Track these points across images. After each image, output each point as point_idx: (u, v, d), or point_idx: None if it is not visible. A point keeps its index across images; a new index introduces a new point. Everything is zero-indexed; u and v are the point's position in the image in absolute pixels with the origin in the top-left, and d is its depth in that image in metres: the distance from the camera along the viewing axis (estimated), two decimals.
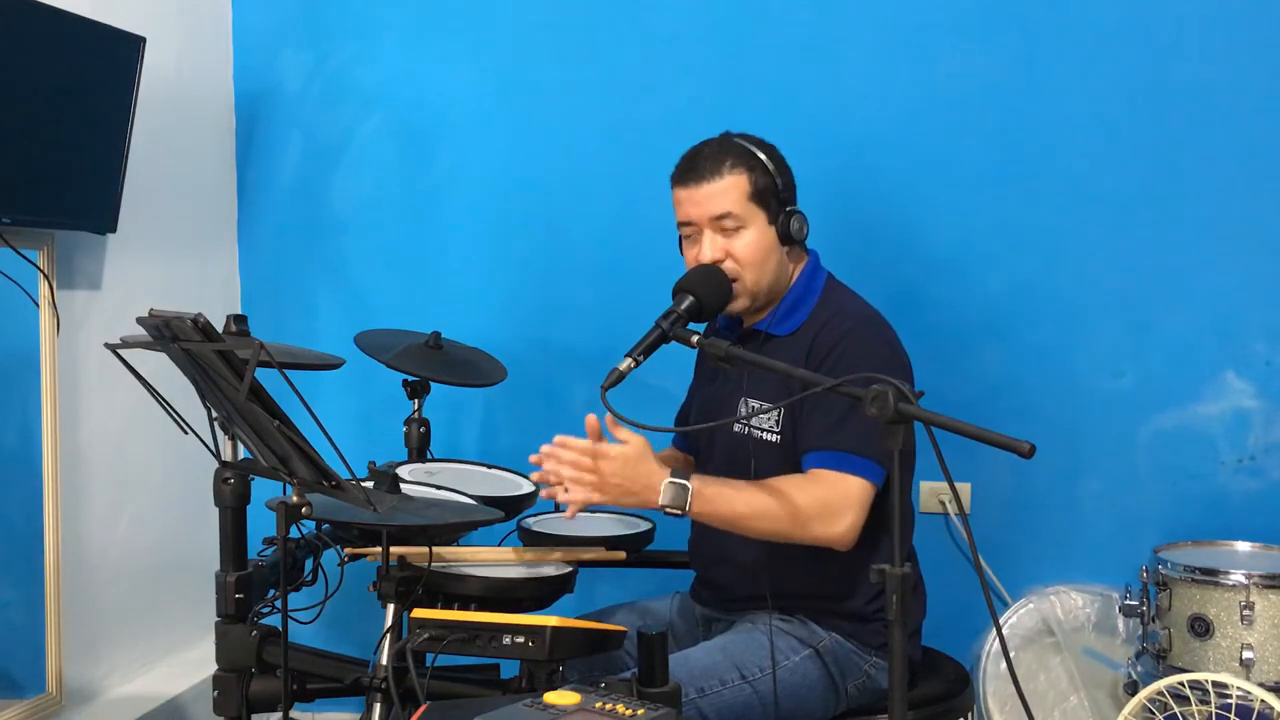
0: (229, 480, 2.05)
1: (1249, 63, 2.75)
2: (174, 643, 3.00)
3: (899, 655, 1.46)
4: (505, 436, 3.16)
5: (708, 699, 1.99)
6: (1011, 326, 2.89)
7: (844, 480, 1.99)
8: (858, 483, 1.99)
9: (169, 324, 1.69)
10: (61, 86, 2.42)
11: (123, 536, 2.81)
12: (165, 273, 2.95)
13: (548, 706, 1.44)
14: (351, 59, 3.19)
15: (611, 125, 3.05)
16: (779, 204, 2.12)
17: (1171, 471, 2.84)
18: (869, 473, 1.99)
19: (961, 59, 2.87)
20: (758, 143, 2.15)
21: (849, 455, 1.99)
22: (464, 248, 3.16)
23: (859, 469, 1.99)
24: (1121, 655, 2.77)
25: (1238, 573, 2.32)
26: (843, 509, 1.97)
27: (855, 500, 1.98)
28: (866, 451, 1.99)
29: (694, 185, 2.10)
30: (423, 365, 2.59)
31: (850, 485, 1.98)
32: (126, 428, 2.78)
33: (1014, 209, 2.87)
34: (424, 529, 2.05)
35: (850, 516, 1.97)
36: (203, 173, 3.15)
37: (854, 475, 1.99)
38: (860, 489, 1.99)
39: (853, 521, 1.98)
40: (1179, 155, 2.79)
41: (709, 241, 2.10)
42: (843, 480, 1.99)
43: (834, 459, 2.00)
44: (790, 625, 2.12)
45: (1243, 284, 2.78)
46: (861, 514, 1.99)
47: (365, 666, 2.05)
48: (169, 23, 2.93)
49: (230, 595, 2.05)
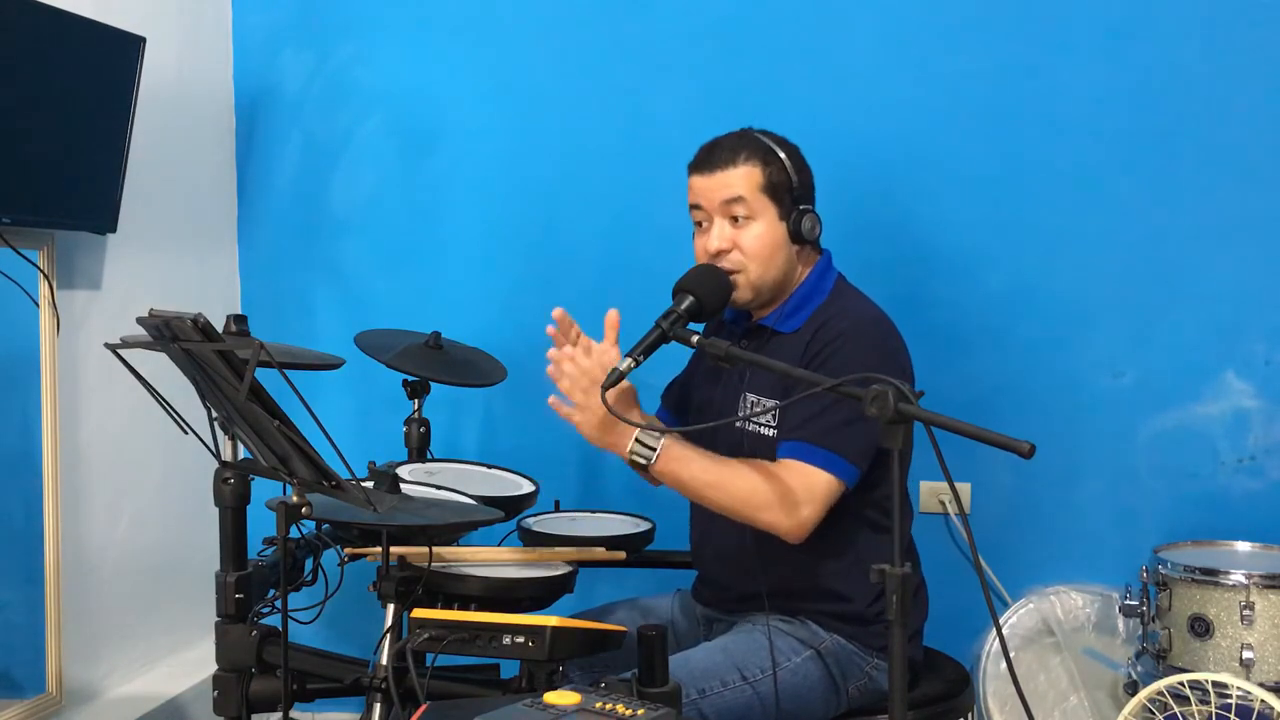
0: (229, 480, 2.05)
1: (1249, 63, 2.75)
2: (174, 643, 3.00)
3: (899, 655, 1.46)
4: (505, 436, 3.16)
5: (708, 700, 1.99)
6: (1011, 326, 2.89)
7: (810, 472, 1.97)
8: (824, 477, 1.97)
9: (169, 324, 1.69)
10: (61, 86, 2.42)
11: (123, 536, 2.81)
12: (165, 273, 2.95)
13: (548, 706, 1.44)
14: (351, 59, 3.19)
15: (611, 125, 3.05)
16: (792, 201, 2.11)
17: (1171, 471, 2.84)
18: (838, 469, 1.97)
19: (962, 59, 2.87)
20: (779, 140, 2.15)
21: (820, 449, 1.98)
22: (464, 248, 3.16)
23: (827, 464, 1.97)
24: (1121, 655, 2.77)
25: (1238, 573, 2.32)
26: (801, 501, 1.95)
27: (816, 494, 1.96)
28: (839, 448, 1.97)
29: (708, 172, 2.11)
30: (423, 365, 2.59)
31: (815, 478, 1.97)
32: (126, 428, 2.78)
33: (1014, 209, 2.87)
34: (424, 529, 2.05)
35: (807, 510, 1.95)
36: (203, 173, 3.15)
37: (821, 469, 1.97)
38: (825, 484, 1.97)
39: (809, 515, 1.96)
40: (1179, 155, 2.79)
41: (718, 229, 2.11)
42: (808, 472, 1.97)
43: (805, 450, 1.99)
44: (791, 626, 2.12)
45: (1243, 284, 2.78)
46: (820, 509, 1.97)
47: (365, 666, 2.05)
48: (169, 23, 2.93)
49: (230, 595, 2.05)
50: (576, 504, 2.68)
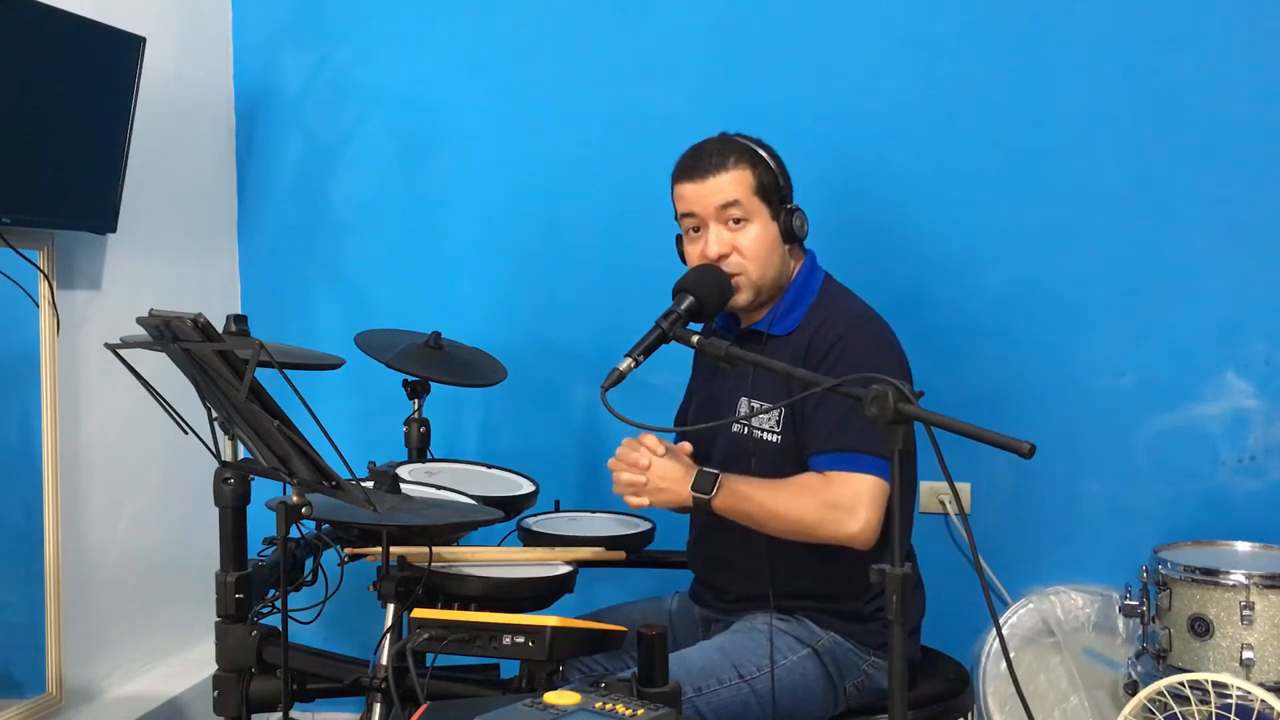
0: (229, 480, 2.05)
1: (1249, 62, 2.75)
2: (174, 643, 3.00)
3: (899, 655, 1.46)
4: (505, 436, 3.16)
5: (705, 698, 1.99)
6: (1011, 326, 2.89)
7: (855, 479, 1.99)
8: (869, 480, 1.99)
9: (169, 324, 1.69)
10: (61, 86, 2.42)
11: (123, 536, 2.81)
12: (165, 273, 2.95)
13: (548, 706, 1.44)
14: (351, 59, 3.20)
15: (612, 125, 3.06)
16: (780, 200, 2.13)
17: (1171, 471, 2.84)
18: (879, 470, 1.99)
19: (962, 58, 2.87)
20: (757, 141, 2.17)
21: (857, 455, 2.00)
22: (464, 248, 3.16)
23: (868, 467, 1.99)
24: (1121, 655, 2.76)
25: (1238, 573, 2.32)
26: (855, 506, 1.98)
27: (867, 497, 1.98)
28: (873, 449, 1.99)
29: (699, 180, 2.11)
30: (423, 365, 2.59)
31: (861, 483, 1.99)
32: (126, 428, 2.78)
33: (1014, 209, 2.87)
34: (424, 529, 2.05)
35: (864, 513, 1.98)
36: (203, 173, 3.15)
37: (864, 474, 1.99)
38: (872, 486, 1.99)
39: (868, 518, 1.98)
40: (1179, 155, 2.79)
41: (715, 234, 2.11)
42: (853, 479, 1.99)
43: (842, 460, 2.01)
44: (788, 625, 2.12)
45: (1243, 284, 2.78)
46: (876, 510, 1.99)
47: (365, 666, 2.05)
48: (169, 23, 2.93)
49: (230, 595, 2.05)
50: (576, 504, 2.68)
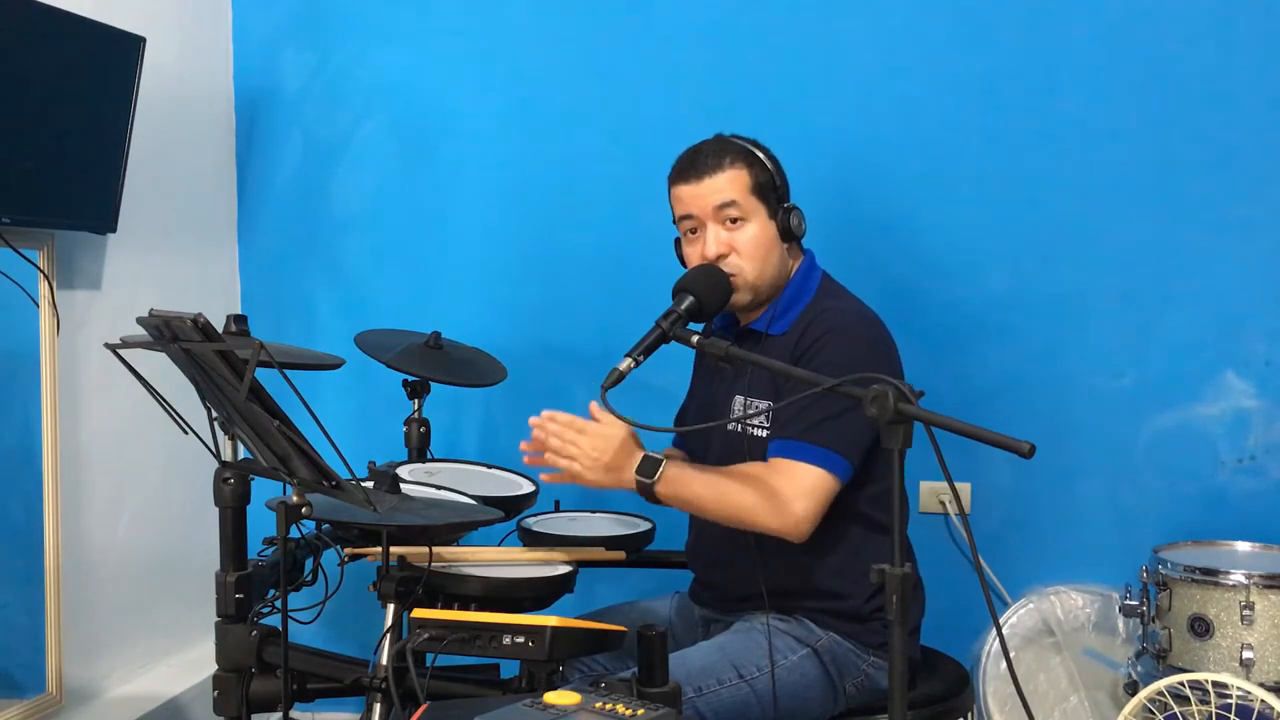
0: (229, 480, 2.05)
1: (1250, 62, 2.75)
2: (174, 643, 3.00)
3: (899, 655, 1.46)
4: (505, 436, 3.16)
5: (705, 698, 1.99)
6: (1011, 326, 2.89)
7: (797, 469, 1.97)
8: (814, 472, 1.96)
9: (169, 324, 1.69)
10: (61, 86, 2.42)
11: (123, 536, 2.81)
12: (165, 273, 2.95)
13: (548, 706, 1.44)
14: (351, 59, 3.20)
15: (612, 125, 3.06)
16: (777, 200, 2.14)
17: (1171, 471, 2.84)
18: (828, 463, 1.97)
19: (961, 58, 2.87)
20: (752, 141, 2.18)
21: (807, 445, 1.98)
22: (464, 248, 3.16)
23: (815, 458, 1.97)
24: (1121, 655, 2.77)
25: (1238, 573, 2.32)
26: (793, 498, 1.95)
27: (808, 490, 1.96)
28: (827, 442, 1.97)
29: (696, 180, 2.11)
30: (423, 365, 2.59)
31: (805, 474, 1.96)
32: (126, 428, 2.78)
33: (1014, 209, 2.87)
34: (424, 529, 2.05)
35: (798, 506, 1.95)
36: (203, 173, 3.15)
37: (810, 464, 1.97)
38: (816, 479, 1.96)
39: (801, 511, 1.95)
40: (1179, 155, 2.79)
41: (713, 235, 2.11)
42: (796, 469, 1.97)
43: (790, 448, 1.99)
44: (788, 625, 2.12)
45: (1243, 284, 2.78)
46: (816, 504, 1.96)
47: (365, 666, 2.05)
48: (169, 23, 2.93)
49: (230, 595, 2.05)
50: (576, 504, 2.68)
